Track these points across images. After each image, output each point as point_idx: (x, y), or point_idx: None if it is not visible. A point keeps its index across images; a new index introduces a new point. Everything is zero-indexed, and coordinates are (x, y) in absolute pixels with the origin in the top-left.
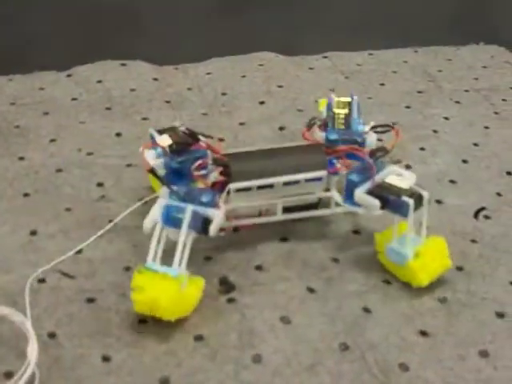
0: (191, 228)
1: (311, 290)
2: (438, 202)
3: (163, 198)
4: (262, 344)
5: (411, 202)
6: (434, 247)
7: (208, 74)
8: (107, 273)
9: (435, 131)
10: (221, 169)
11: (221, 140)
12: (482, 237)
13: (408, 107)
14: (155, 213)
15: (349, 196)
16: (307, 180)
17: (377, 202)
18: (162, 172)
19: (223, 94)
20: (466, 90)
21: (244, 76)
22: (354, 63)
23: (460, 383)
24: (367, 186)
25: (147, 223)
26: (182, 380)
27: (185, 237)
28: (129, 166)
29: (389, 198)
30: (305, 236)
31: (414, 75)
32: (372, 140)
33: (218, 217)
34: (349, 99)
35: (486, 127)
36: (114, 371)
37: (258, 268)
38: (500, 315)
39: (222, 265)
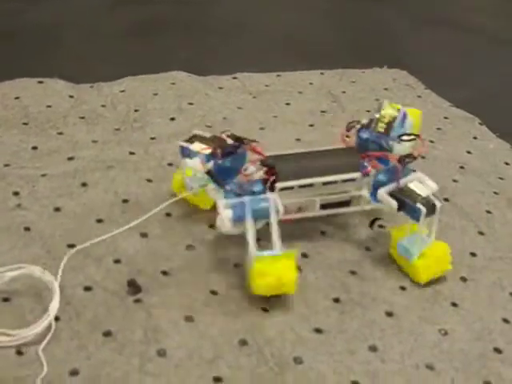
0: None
1: (214, 293)
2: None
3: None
4: (166, 339)
5: (424, 209)
6: (438, 251)
7: (122, 91)
8: (23, 275)
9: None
10: (265, 169)
11: (254, 141)
12: (376, 245)
13: (311, 125)
14: (226, 212)
15: (374, 194)
16: (343, 180)
17: (394, 204)
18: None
19: (136, 110)
20: (368, 111)
21: (156, 94)
22: (262, 84)
23: (349, 374)
24: (391, 187)
25: (226, 224)
26: (91, 372)
27: (274, 222)
28: (44, 175)
29: (406, 201)
30: (210, 244)
31: (319, 96)
32: (399, 149)
33: (279, 201)
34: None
35: None
36: (28, 364)
37: (165, 273)
38: (389, 314)
39: (132, 267)
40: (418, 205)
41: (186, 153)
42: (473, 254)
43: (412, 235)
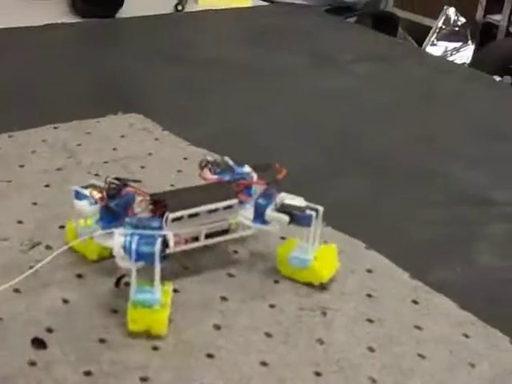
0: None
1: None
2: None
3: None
4: None
5: (314, 214)
6: (328, 252)
7: None
8: None
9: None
10: (151, 206)
11: (138, 181)
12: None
13: (47, 186)
14: (119, 239)
15: (258, 217)
16: (224, 208)
17: (286, 217)
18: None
19: None
20: (106, 162)
21: None
22: None
23: None
24: (272, 206)
25: (120, 262)
26: None
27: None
28: None
29: (294, 213)
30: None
31: (53, 153)
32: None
33: (172, 237)
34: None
35: None
36: None
37: None
38: (143, 379)
39: None
40: (308, 211)
41: (79, 197)
42: (224, 299)
43: (299, 246)
